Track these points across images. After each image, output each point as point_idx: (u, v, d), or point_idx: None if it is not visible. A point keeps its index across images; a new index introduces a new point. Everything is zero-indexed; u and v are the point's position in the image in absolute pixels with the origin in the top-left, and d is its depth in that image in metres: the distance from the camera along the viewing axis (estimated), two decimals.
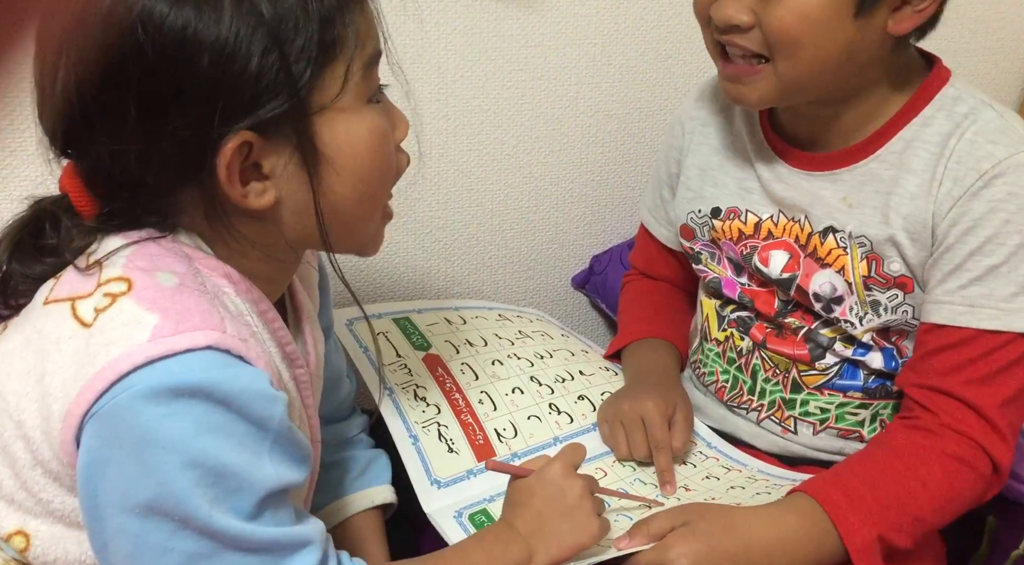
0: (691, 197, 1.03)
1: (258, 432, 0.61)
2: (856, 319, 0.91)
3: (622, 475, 0.95)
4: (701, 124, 1.04)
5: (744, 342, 1.01)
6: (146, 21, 0.58)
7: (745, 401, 1.02)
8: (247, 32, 0.60)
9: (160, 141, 0.60)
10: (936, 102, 0.87)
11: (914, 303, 0.89)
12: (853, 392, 0.95)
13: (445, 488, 0.90)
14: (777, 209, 0.95)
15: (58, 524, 0.65)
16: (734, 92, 0.87)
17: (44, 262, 0.66)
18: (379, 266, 1.27)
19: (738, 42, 0.83)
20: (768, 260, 0.96)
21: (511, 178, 1.31)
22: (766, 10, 0.80)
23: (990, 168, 0.82)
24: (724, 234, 0.99)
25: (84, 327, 0.61)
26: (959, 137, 0.84)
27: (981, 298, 0.83)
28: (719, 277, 1.02)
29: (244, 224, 0.67)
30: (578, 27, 1.26)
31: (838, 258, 0.91)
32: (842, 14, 0.80)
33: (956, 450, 0.82)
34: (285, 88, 0.61)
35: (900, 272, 0.88)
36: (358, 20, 0.65)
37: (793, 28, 0.80)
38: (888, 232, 0.87)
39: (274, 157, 0.64)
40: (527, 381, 1.03)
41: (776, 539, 0.79)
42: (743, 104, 0.90)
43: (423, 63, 1.19)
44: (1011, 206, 0.82)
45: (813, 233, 0.92)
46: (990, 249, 0.82)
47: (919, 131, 0.87)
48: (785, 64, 0.82)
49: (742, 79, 0.85)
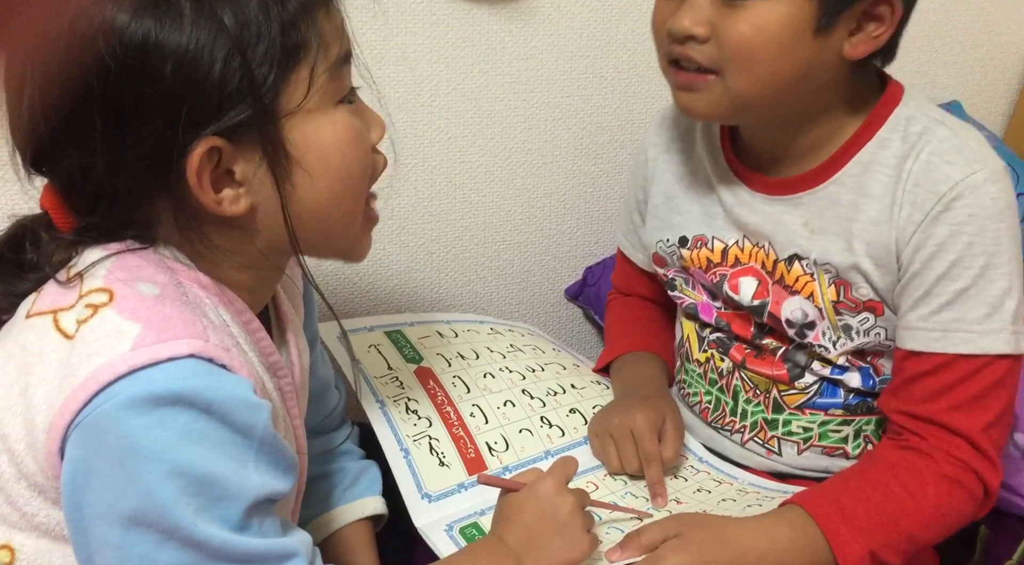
0: (659, 226, 1.03)
1: (242, 440, 0.60)
2: (829, 344, 0.91)
3: (613, 488, 0.94)
4: (664, 151, 1.04)
5: (724, 363, 1.00)
6: (107, 32, 0.59)
7: (728, 423, 1.01)
8: (208, 39, 0.60)
9: (127, 151, 0.61)
10: (890, 123, 0.86)
11: (886, 325, 0.89)
12: (834, 410, 0.95)
13: (436, 502, 0.89)
14: (742, 234, 0.95)
15: (43, 538, 0.65)
16: (685, 101, 0.86)
17: (26, 279, 0.67)
18: (372, 279, 1.27)
19: (690, 54, 0.82)
20: (738, 287, 0.95)
21: (504, 190, 1.31)
22: (724, 22, 0.80)
23: (948, 190, 0.81)
24: (693, 262, 0.99)
25: (67, 339, 0.61)
26: (915, 159, 0.84)
27: (953, 323, 0.82)
28: (695, 302, 1.02)
29: (219, 234, 0.67)
30: (571, 39, 1.26)
31: (806, 285, 0.90)
32: (801, 32, 0.79)
33: (950, 471, 0.82)
34: (249, 93, 0.61)
35: (869, 296, 0.88)
36: (322, 23, 0.65)
37: (751, 41, 0.79)
38: (852, 259, 0.87)
39: (245, 163, 0.64)
40: (519, 394, 1.03)
41: (768, 551, 0.79)
42: (693, 115, 0.89)
43: (414, 75, 1.20)
44: (972, 228, 0.81)
45: (779, 260, 0.92)
46: (957, 273, 0.82)
47: (875, 153, 0.86)
48: (737, 78, 0.81)
49: (693, 87, 0.84)
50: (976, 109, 1.53)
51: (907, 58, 1.49)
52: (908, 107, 0.87)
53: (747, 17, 0.79)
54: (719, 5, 0.80)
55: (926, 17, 1.45)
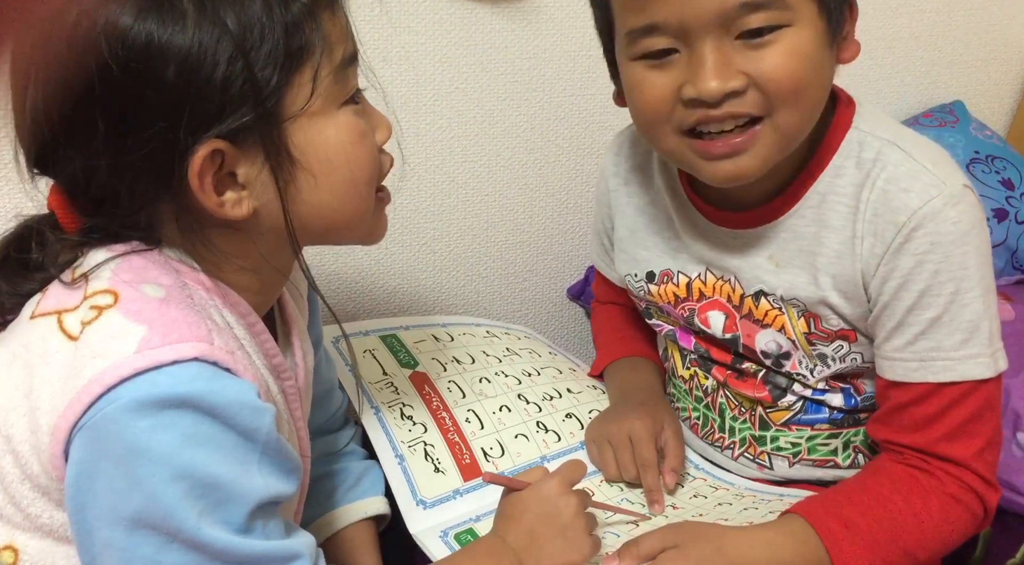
0: (626, 259, 1.01)
1: (246, 443, 0.60)
2: (807, 372, 0.90)
3: (610, 495, 0.94)
4: (623, 183, 1.00)
5: (708, 381, 0.99)
6: (110, 34, 0.58)
7: (717, 439, 1.01)
8: (211, 41, 0.60)
9: (129, 153, 0.60)
10: (843, 149, 0.83)
11: (862, 350, 0.87)
12: (820, 425, 0.94)
13: (431, 509, 0.89)
14: (704, 267, 0.93)
15: (47, 539, 0.65)
16: (730, 168, 0.78)
17: (32, 279, 0.67)
18: (374, 278, 1.27)
19: (735, 110, 0.75)
20: (708, 321, 0.94)
21: (506, 189, 1.31)
22: (758, 65, 0.74)
23: (907, 220, 0.78)
24: (661, 298, 0.97)
25: (71, 340, 0.61)
26: (871, 188, 0.80)
27: (931, 352, 0.80)
28: (673, 329, 1.01)
29: (222, 236, 0.66)
30: (573, 38, 1.26)
31: (776, 318, 0.89)
32: (825, 48, 0.77)
33: (953, 489, 0.81)
34: (252, 96, 0.61)
35: (840, 326, 0.86)
36: (326, 25, 0.65)
37: (795, 71, 0.74)
38: (819, 294, 0.85)
39: (247, 165, 0.64)
40: (515, 399, 1.03)
41: (768, 564, 0.77)
42: (742, 179, 0.79)
43: (417, 75, 1.19)
44: (936, 255, 0.78)
45: (746, 295, 0.90)
46: (927, 302, 0.79)
47: (831, 183, 0.83)
48: (787, 114, 0.76)
49: (740, 149, 0.77)
50: (979, 109, 1.53)
51: (910, 58, 1.49)
52: (859, 130, 0.83)
53: (778, 50, 0.74)
54: (743, 49, 0.74)
55: (929, 17, 1.45)
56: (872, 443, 0.93)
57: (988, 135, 1.46)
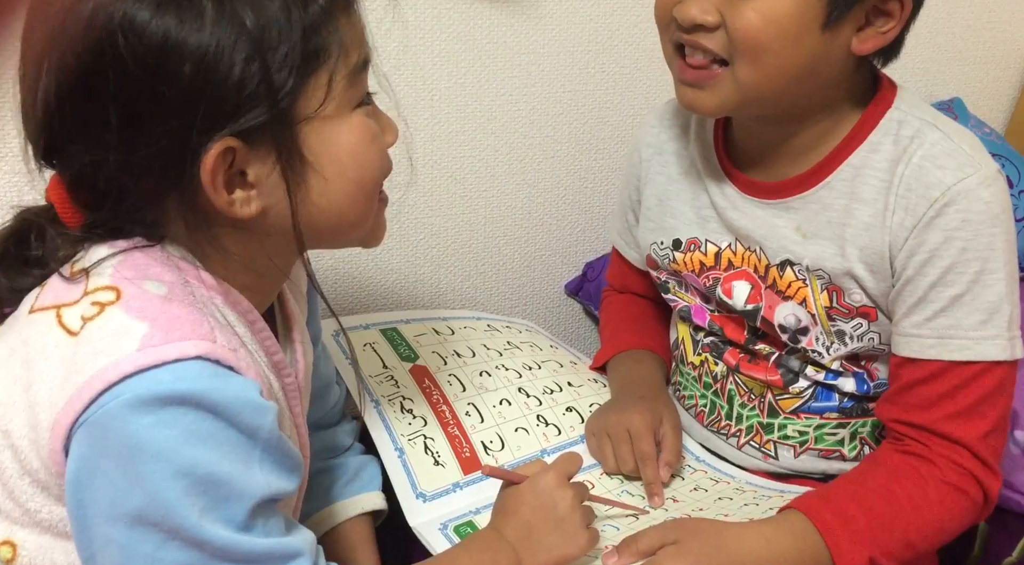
0: (653, 228, 1.02)
1: (248, 441, 0.60)
2: (823, 349, 0.91)
3: (609, 487, 0.94)
4: (657, 152, 1.03)
5: (719, 367, 1.00)
6: (127, 28, 0.58)
7: (724, 427, 1.01)
8: (229, 40, 0.59)
9: (141, 150, 0.60)
10: (882, 127, 0.85)
11: (880, 330, 0.88)
12: (829, 413, 0.95)
13: (431, 502, 0.89)
14: (734, 237, 0.95)
15: (46, 534, 0.64)
16: (690, 97, 0.85)
17: (30, 274, 0.66)
18: (371, 274, 1.27)
19: (701, 42, 0.81)
20: (731, 292, 0.95)
21: (504, 185, 1.31)
22: (733, 11, 0.79)
23: (940, 195, 0.80)
24: (686, 266, 0.99)
25: (70, 336, 0.61)
26: (906, 163, 0.83)
27: (949, 329, 0.81)
28: (688, 305, 1.02)
29: (228, 235, 0.66)
30: (572, 34, 1.26)
31: (799, 290, 0.90)
32: (810, 24, 0.79)
33: (953, 477, 0.82)
34: (267, 97, 0.61)
35: (862, 302, 0.87)
36: (343, 28, 0.65)
37: (760, 31, 0.78)
38: (846, 265, 0.86)
39: (258, 165, 0.63)
40: (515, 393, 1.03)
41: (769, 560, 0.78)
42: (698, 111, 0.88)
43: (416, 70, 1.19)
44: (966, 233, 0.80)
45: (771, 266, 0.91)
46: (951, 279, 0.81)
47: (867, 157, 0.85)
48: (746, 69, 0.80)
49: (700, 83, 0.83)
50: (978, 106, 1.53)
51: (909, 55, 1.48)
52: (900, 110, 0.86)
53: (756, 7, 0.78)
54: None
55: (928, 14, 1.44)
56: (879, 435, 0.93)
57: (987, 132, 1.46)
